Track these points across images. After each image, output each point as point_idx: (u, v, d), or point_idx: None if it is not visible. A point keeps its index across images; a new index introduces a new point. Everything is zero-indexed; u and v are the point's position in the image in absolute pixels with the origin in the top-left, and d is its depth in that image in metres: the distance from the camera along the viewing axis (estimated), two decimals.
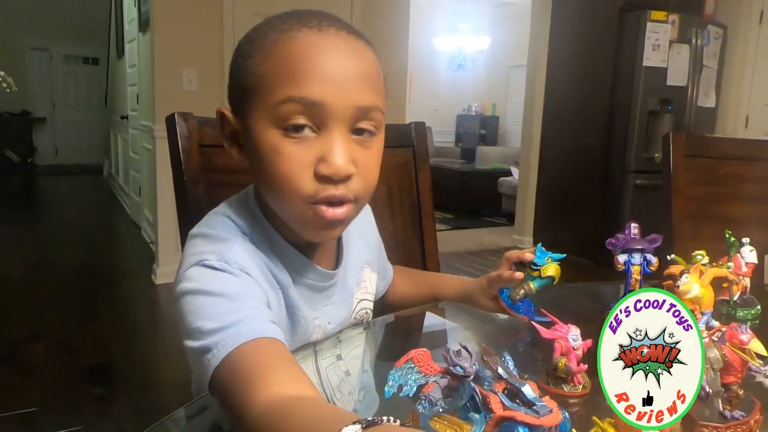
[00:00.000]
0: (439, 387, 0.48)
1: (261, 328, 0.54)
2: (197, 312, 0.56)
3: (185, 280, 0.59)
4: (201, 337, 0.54)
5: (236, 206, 0.68)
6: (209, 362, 0.53)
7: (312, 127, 0.58)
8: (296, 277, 0.68)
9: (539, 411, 0.48)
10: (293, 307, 0.68)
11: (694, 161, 1.27)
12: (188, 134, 0.90)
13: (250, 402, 0.48)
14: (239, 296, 0.57)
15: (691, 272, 0.69)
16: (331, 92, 0.57)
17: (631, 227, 0.81)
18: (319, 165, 0.58)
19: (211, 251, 0.60)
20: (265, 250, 0.65)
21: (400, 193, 1.17)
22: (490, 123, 8.25)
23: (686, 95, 4.22)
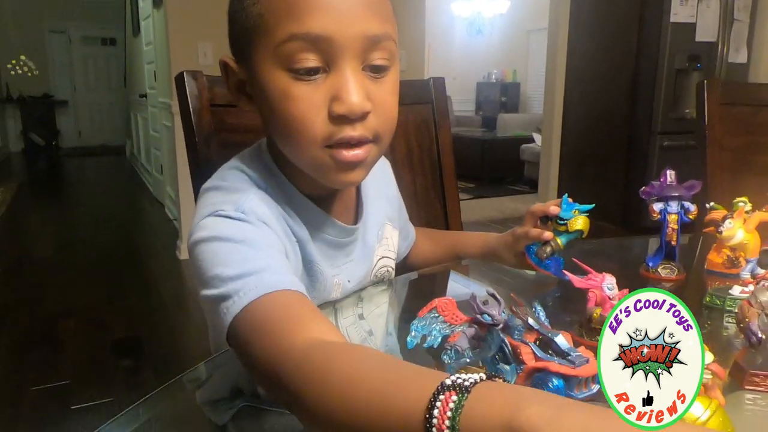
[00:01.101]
0: (466, 336, 0.44)
1: (285, 280, 0.51)
2: (214, 259, 0.53)
3: (200, 229, 0.56)
4: (219, 284, 0.51)
5: (249, 159, 0.64)
6: (228, 310, 0.49)
7: (322, 66, 0.54)
8: (315, 232, 0.65)
9: (574, 361, 0.45)
10: (311, 263, 0.65)
11: (730, 110, 1.20)
12: (198, 93, 0.87)
13: (284, 347, 0.43)
14: (259, 245, 0.54)
15: (734, 217, 0.64)
16: (336, 23, 0.53)
17: (667, 174, 0.76)
18: (333, 104, 0.54)
19: (226, 201, 0.57)
20: (281, 203, 0.62)
21: (420, 152, 1.13)
22: (510, 90, 8.08)
23: (716, 51, 4.05)
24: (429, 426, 0.30)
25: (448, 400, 0.30)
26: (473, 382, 0.31)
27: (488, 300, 0.45)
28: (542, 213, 0.75)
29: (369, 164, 0.60)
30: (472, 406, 0.29)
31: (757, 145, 1.22)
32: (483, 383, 0.31)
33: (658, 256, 0.78)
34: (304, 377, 0.40)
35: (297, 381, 0.40)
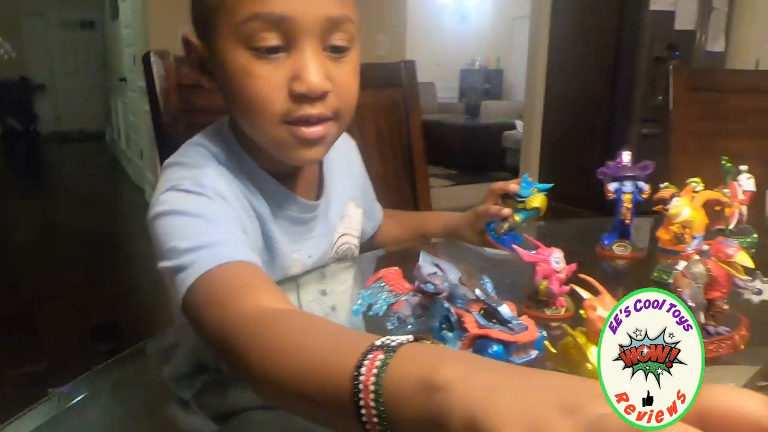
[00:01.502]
0: (410, 305, 0.46)
1: (239, 252, 0.52)
2: (171, 232, 0.54)
3: (159, 204, 0.57)
4: (175, 256, 0.52)
5: (211, 135, 0.66)
6: (182, 281, 0.51)
7: (282, 45, 0.56)
8: (276, 208, 0.67)
9: (514, 328, 0.47)
10: (271, 239, 0.66)
11: (697, 95, 1.23)
12: (166, 74, 0.88)
13: (232, 314, 0.45)
14: (215, 218, 0.56)
15: (681, 195, 0.66)
16: (298, 4, 0.54)
17: (623, 155, 0.79)
18: (293, 83, 0.56)
19: (186, 176, 0.59)
20: (242, 179, 0.63)
21: (390, 136, 1.14)
22: (494, 77, 8.09)
23: (694, 40, 4.09)
24: (356, 383, 0.31)
25: (375, 359, 0.32)
26: (399, 343, 0.32)
27: (434, 270, 0.47)
28: (502, 191, 0.77)
29: (329, 141, 0.62)
30: (396, 364, 0.31)
31: (723, 131, 1.25)
32: (409, 344, 0.32)
33: (613, 234, 0.80)
34: (250, 342, 0.41)
35: (243, 346, 0.42)
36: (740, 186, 0.84)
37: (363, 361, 0.32)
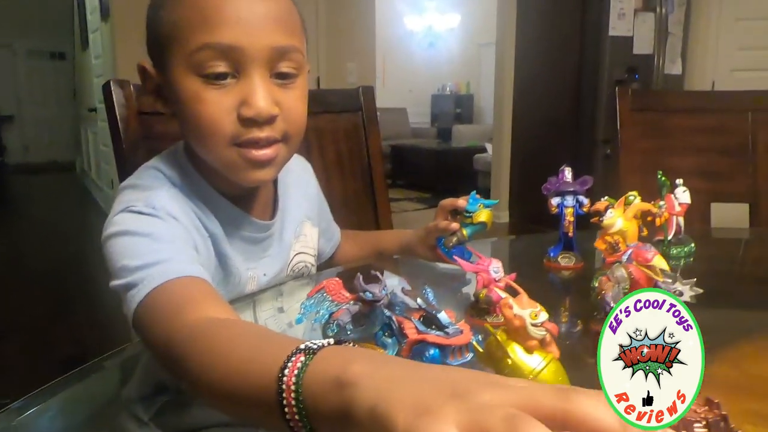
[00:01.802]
0: (349, 312, 0.49)
1: (188, 268, 0.55)
2: (122, 252, 0.56)
3: (111, 225, 0.59)
4: (126, 274, 0.54)
5: (166, 159, 0.68)
6: (133, 298, 0.53)
7: (232, 72, 0.59)
8: (230, 228, 0.69)
9: (450, 333, 0.50)
10: (225, 257, 0.68)
11: (641, 115, 1.29)
12: (126, 102, 0.90)
13: (176, 326, 0.47)
14: (165, 238, 0.58)
15: (615, 207, 0.71)
16: (245, 34, 0.57)
17: (564, 171, 0.83)
18: (242, 108, 0.59)
19: (139, 198, 0.61)
20: (195, 200, 0.66)
21: (351, 158, 1.18)
22: (464, 101, 8.26)
23: (652, 63, 4.26)
24: (280, 384, 0.34)
25: (297, 361, 0.34)
26: (321, 346, 0.35)
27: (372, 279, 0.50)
28: (452, 207, 0.80)
29: (279, 163, 0.65)
30: (315, 365, 0.34)
31: (666, 148, 1.31)
32: (329, 347, 0.35)
33: (558, 247, 0.85)
34: (189, 350, 0.44)
35: (183, 354, 0.44)
36: (676, 198, 0.89)
37: (287, 363, 0.34)
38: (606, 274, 0.54)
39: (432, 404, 0.26)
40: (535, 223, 4.72)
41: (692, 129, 1.32)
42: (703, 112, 1.32)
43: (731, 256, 1.05)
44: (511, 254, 1.05)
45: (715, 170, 1.31)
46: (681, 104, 1.35)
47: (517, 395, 0.26)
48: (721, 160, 1.31)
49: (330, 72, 3.78)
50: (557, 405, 0.26)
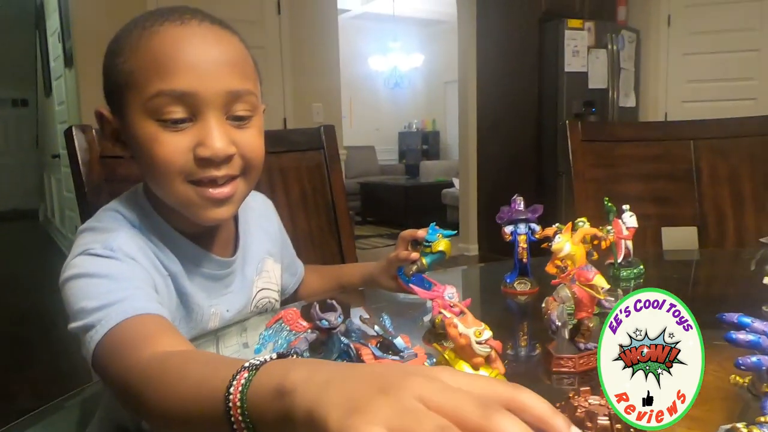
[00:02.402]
0: (307, 340, 0.50)
1: (146, 306, 0.55)
2: (79, 294, 0.57)
3: (69, 268, 0.60)
4: (84, 316, 0.55)
5: (125, 201, 0.69)
6: (92, 339, 0.53)
7: (188, 117, 0.61)
8: (190, 266, 0.70)
9: (404, 356, 0.52)
10: (186, 295, 0.69)
11: (591, 146, 1.36)
12: (87, 146, 0.91)
13: (132, 362, 0.48)
14: (123, 278, 0.58)
15: (563, 232, 0.74)
16: (199, 80, 0.60)
17: (516, 201, 0.87)
18: (198, 149, 0.61)
19: (96, 240, 0.62)
20: (154, 240, 0.67)
21: (314, 195, 1.20)
22: (431, 138, 8.43)
23: (608, 97, 4.45)
24: (227, 402, 0.36)
25: (241, 377, 0.36)
26: (264, 361, 0.37)
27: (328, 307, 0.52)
28: (411, 237, 0.83)
29: (237, 200, 0.67)
30: (257, 379, 0.35)
31: (616, 176, 1.37)
32: (272, 361, 0.37)
33: (514, 273, 0.88)
34: (145, 384, 0.45)
35: (140, 389, 0.45)
36: (624, 223, 0.93)
37: (232, 382, 0.36)
38: (552, 296, 0.57)
39: (361, 401, 0.28)
40: (504, 254, 4.76)
41: (640, 157, 1.38)
42: (649, 141, 1.39)
43: (681, 277, 1.10)
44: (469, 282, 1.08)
45: (663, 196, 1.37)
46: (628, 134, 1.42)
47: (444, 386, 0.28)
48: (668, 186, 1.38)
49: (296, 112, 3.83)
50: (484, 392, 0.28)
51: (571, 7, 4.37)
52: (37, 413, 0.56)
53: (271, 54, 3.69)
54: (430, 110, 8.65)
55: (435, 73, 8.36)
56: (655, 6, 4.64)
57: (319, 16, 3.98)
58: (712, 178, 1.34)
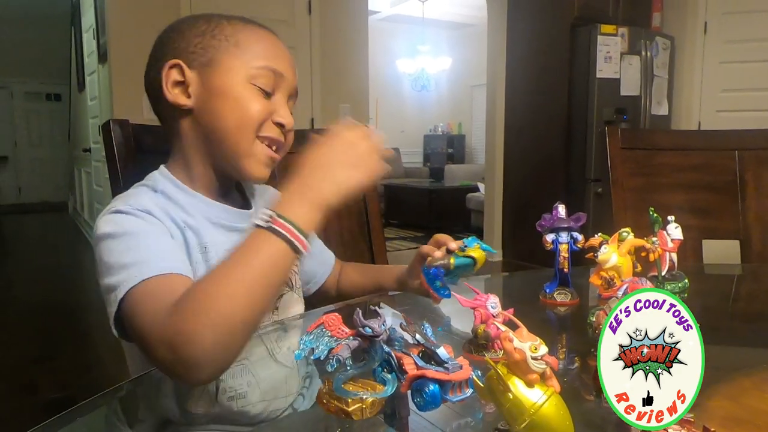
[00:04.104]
0: (349, 348, 0.49)
1: (170, 266, 0.61)
2: (109, 253, 0.63)
3: (97, 229, 0.67)
4: (110, 273, 0.61)
5: (149, 177, 0.78)
6: (116, 298, 0.59)
7: (272, 91, 0.75)
8: (212, 219, 0.76)
9: (449, 368, 0.50)
10: (207, 246, 0.73)
11: (630, 154, 1.32)
12: (124, 141, 0.91)
13: (163, 310, 0.54)
14: (146, 233, 0.65)
15: (609, 243, 0.71)
16: (289, 70, 0.77)
17: (558, 208, 0.84)
18: (275, 116, 0.75)
19: (120, 202, 0.69)
20: (176, 200, 0.74)
21: None
22: (456, 141, 8.38)
23: (640, 104, 4.36)
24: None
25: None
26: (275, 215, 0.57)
27: (372, 315, 0.50)
28: (443, 243, 0.78)
29: (275, 166, 0.78)
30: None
31: (655, 185, 1.33)
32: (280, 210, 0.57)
33: (554, 283, 0.85)
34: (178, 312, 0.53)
35: (170, 330, 0.52)
36: (669, 235, 0.90)
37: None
38: (603, 309, 0.55)
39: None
40: (528, 260, 4.73)
41: (680, 167, 1.34)
42: (690, 150, 1.35)
43: (724, 292, 1.06)
44: (505, 291, 1.05)
45: (704, 207, 1.33)
46: (669, 143, 1.37)
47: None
48: (709, 197, 1.34)
49: (324, 112, 3.84)
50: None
51: (604, 12, 4.30)
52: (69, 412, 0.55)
53: (301, 54, 3.70)
54: (456, 113, 8.60)
55: (462, 77, 8.31)
56: (691, 13, 4.54)
57: (350, 17, 3.99)
58: (758, 190, 1.29)
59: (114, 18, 3.28)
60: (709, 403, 0.53)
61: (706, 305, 0.95)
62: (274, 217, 0.56)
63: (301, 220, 0.57)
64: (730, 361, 0.69)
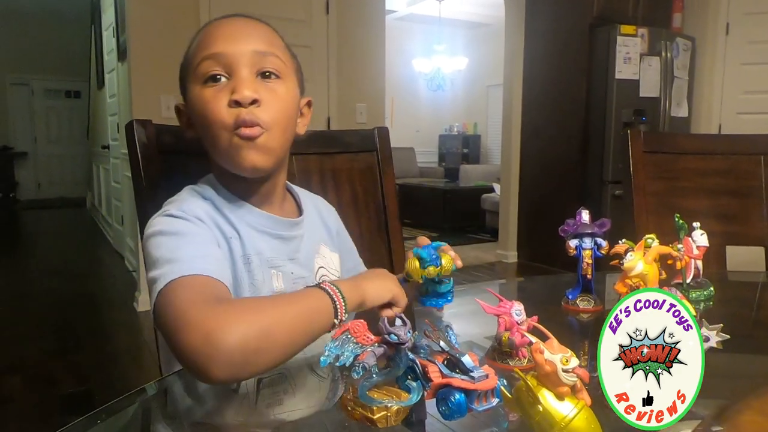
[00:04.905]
0: (374, 355, 0.48)
1: (210, 268, 0.63)
2: (156, 249, 0.65)
3: (149, 227, 0.70)
4: (158, 266, 0.63)
5: (198, 183, 0.80)
6: (156, 289, 0.61)
7: (224, 74, 0.72)
8: (258, 228, 0.77)
9: (475, 377, 0.49)
10: (250, 256, 0.75)
11: (652, 157, 1.30)
12: (147, 141, 0.91)
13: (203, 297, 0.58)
14: (193, 236, 0.67)
15: (635, 250, 0.70)
16: (231, 44, 0.72)
17: (582, 213, 0.83)
18: (231, 95, 0.71)
19: (172, 206, 0.72)
20: (223, 208, 0.75)
21: (365, 197, 1.18)
22: (472, 142, 8.34)
23: (659, 106, 4.31)
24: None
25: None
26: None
27: (396, 320, 0.50)
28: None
29: (263, 147, 0.73)
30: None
31: (678, 190, 1.31)
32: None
33: (577, 289, 0.84)
34: (224, 307, 0.56)
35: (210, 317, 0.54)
36: (694, 242, 0.88)
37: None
38: None
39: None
40: (543, 262, 4.70)
41: (704, 171, 1.32)
42: (715, 154, 1.32)
43: (750, 300, 1.04)
44: (526, 295, 1.04)
45: (728, 213, 1.31)
46: (693, 146, 1.35)
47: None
48: (734, 202, 1.31)
49: (340, 112, 3.84)
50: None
51: (624, 12, 4.25)
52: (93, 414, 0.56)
53: (318, 53, 3.70)
54: (471, 113, 8.56)
55: (478, 76, 8.27)
56: (713, 13, 4.47)
57: (367, 17, 3.98)
58: None
59: (134, 16, 3.31)
60: (740, 418, 0.52)
61: (733, 313, 0.93)
62: (327, 282, 0.64)
63: (346, 295, 0.63)
64: (759, 371, 0.67)
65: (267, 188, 0.79)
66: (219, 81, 0.72)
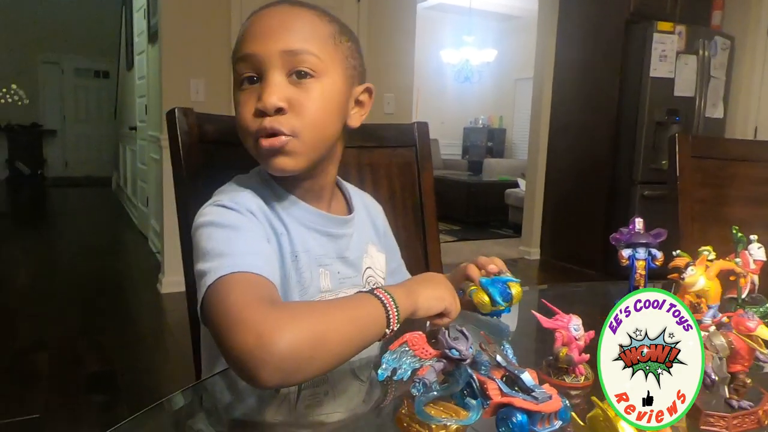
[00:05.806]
0: (435, 370, 0.46)
1: (260, 265, 0.61)
2: (207, 240, 0.64)
3: (200, 216, 0.68)
4: (208, 259, 0.61)
5: (249, 174, 0.78)
6: (206, 283, 0.59)
7: (255, 77, 0.69)
8: (308, 224, 0.75)
9: (538, 397, 0.47)
10: (298, 253, 0.73)
11: (700, 162, 1.25)
12: (188, 129, 0.90)
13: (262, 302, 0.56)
14: (244, 230, 0.66)
15: (696, 264, 0.67)
16: (261, 44, 0.68)
17: (636, 221, 0.80)
18: (257, 103, 0.68)
19: (224, 197, 0.70)
20: (271, 202, 0.73)
21: (403, 194, 1.16)
22: (497, 135, 8.25)
23: (694, 106, 4.20)
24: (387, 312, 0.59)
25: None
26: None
27: (458, 334, 0.47)
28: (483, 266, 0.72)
29: (290, 153, 0.70)
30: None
31: (726, 197, 1.27)
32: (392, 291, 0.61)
33: None
34: (282, 310, 0.55)
35: (265, 319, 0.52)
36: (751, 255, 0.84)
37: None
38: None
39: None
40: (567, 261, 4.64)
41: (754, 179, 1.27)
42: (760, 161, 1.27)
43: None
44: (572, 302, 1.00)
45: None
46: (743, 153, 1.30)
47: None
48: None
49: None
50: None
51: (661, 8, 4.14)
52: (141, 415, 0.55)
53: None
54: (497, 107, 8.46)
55: (506, 70, 8.15)
56: (754, 11, 4.33)
57: (398, 6, 3.94)
58: None
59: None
60: None
61: None
62: (379, 288, 0.61)
63: (399, 303, 0.60)
64: None
65: (313, 184, 0.77)
66: (254, 82, 0.70)
